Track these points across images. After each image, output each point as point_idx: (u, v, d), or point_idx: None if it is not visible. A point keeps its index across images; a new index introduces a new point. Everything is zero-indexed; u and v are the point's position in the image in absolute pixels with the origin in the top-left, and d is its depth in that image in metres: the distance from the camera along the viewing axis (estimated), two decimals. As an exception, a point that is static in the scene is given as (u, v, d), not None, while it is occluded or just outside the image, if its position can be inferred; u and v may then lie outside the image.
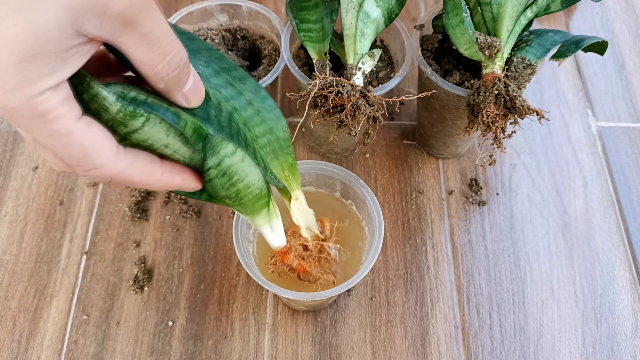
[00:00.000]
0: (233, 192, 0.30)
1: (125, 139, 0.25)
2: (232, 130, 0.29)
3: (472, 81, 0.43)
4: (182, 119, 0.26)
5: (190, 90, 0.26)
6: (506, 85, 0.40)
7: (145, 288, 0.49)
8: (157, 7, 0.22)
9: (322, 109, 0.41)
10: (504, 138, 0.42)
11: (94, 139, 0.23)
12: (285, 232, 0.38)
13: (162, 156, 0.27)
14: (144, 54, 0.23)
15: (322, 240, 0.39)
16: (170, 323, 0.47)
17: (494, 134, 0.41)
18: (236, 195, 0.31)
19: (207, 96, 0.28)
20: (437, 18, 0.49)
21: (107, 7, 0.20)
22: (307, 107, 0.41)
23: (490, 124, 0.41)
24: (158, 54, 0.23)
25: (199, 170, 0.29)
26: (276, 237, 0.37)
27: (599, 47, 0.45)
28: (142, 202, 0.53)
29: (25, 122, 0.21)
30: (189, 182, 0.28)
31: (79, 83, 0.23)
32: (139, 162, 0.26)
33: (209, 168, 0.28)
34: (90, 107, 0.23)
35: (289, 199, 0.36)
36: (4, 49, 0.19)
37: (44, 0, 0.19)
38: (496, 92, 0.40)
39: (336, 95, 0.41)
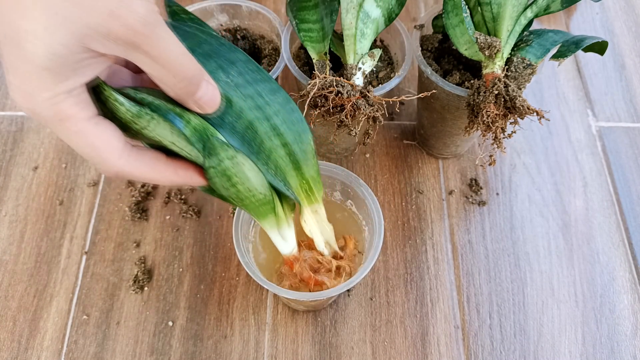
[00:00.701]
0: (233, 192, 0.32)
1: (140, 134, 0.29)
2: (247, 137, 0.32)
3: (472, 81, 0.43)
4: (184, 120, 0.28)
5: (203, 99, 0.29)
6: (506, 85, 0.40)
7: (145, 288, 0.49)
8: (166, 28, 0.25)
9: (322, 109, 0.41)
10: (504, 138, 0.42)
11: (100, 136, 0.26)
12: (301, 244, 0.38)
13: (175, 154, 0.30)
14: (153, 70, 0.26)
15: (341, 258, 0.39)
16: (170, 323, 0.47)
17: (494, 134, 0.41)
18: (237, 196, 0.33)
19: (229, 103, 0.30)
20: (437, 18, 0.49)
21: (109, 32, 0.24)
22: (307, 107, 0.41)
23: (490, 124, 0.41)
24: (166, 72, 0.26)
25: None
26: (285, 245, 0.36)
27: (599, 47, 0.45)
28: (142, 202, 0.53)
29: (46, 122, 0.26)
30: (193, 178, 0.31)
31: (96, 88, 0.27)
32: (144, 157, 0.29)
33: (208, 167, 0.30)
34: (107, 107, 0.27)
35: (300, 210, 0.37)
36: (28, 65, 0.24)
37: (57, 29, 0.23)
38: (496, 92, 0.40)
39: (336, 95, 0.41)
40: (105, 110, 0.28)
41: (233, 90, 0.31)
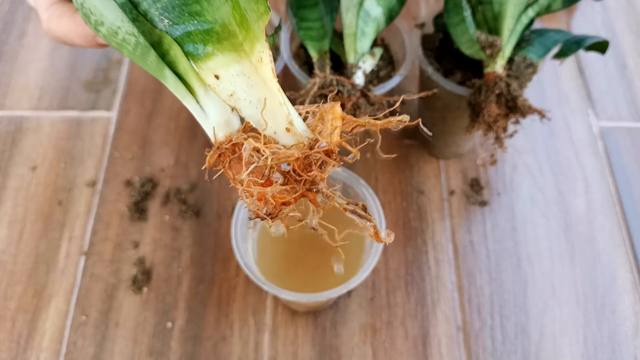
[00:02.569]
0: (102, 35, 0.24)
1: None
2: None
3: (473, 80, 0.43)
4: None
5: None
6: (507, 85, 0.40)
7: (144, 289, 0.49)
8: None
9: (322, 108, 0.41)
10: (505, 138, 0.41)
11: None
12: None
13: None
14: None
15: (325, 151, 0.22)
16: (169, 324, 0.47)
17: (495, 134, 0.41)
18: (107, 39, 0.24)
19: None
20: (438, 17, 0.49)
21: None
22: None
23: (492, 124, 0.41)
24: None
25: None
26: (205, 120, 0.24)
27: (600, 47, 0.45)
28: (141, 202, 0.53)
29: None
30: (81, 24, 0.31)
31: None
32: (62, 8, 0.31)
33: None
34: None
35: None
36: None
37: None
38: (497, 91, 0.40)
39: (336, 94, 0.40)
40: None
41: None
